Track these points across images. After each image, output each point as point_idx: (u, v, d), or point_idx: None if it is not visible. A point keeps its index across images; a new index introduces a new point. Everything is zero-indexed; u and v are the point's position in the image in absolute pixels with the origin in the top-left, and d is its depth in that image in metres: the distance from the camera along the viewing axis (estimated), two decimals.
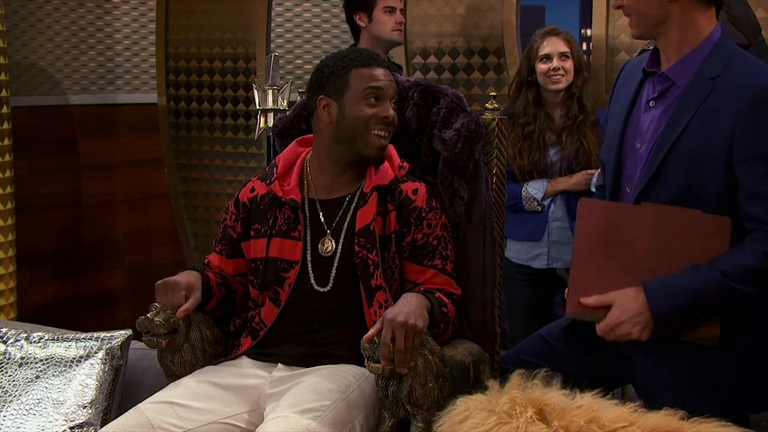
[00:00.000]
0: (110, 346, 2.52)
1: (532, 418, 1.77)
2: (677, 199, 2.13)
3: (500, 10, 3.94)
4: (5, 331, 2.61)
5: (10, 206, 4.03)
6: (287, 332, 2.30)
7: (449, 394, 2.10)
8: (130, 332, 2.56)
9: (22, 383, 2.50)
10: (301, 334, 2.29)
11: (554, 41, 3.38)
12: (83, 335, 2.58)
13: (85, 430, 2.41)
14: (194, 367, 2.32)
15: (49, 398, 2.46)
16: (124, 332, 2.57)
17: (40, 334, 2.60)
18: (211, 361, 2.36)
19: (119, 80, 5.09)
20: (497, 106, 2.49)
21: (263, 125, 3.78)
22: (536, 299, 3.48)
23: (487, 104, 2.49)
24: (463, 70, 4.06)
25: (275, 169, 2.40)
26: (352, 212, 2.32)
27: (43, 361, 2.53)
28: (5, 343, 2.57)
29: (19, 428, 2.42)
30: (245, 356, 2.34)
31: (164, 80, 4.71)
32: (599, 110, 3.37)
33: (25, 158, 4.52)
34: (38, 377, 2.50)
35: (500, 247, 2.47)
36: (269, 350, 2.31)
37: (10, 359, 2.54)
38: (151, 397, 2.22)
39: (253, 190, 2.42)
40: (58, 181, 4.87)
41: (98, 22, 4.99)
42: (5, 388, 2.50)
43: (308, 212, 2.35)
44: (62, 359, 2.52)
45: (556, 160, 3.39)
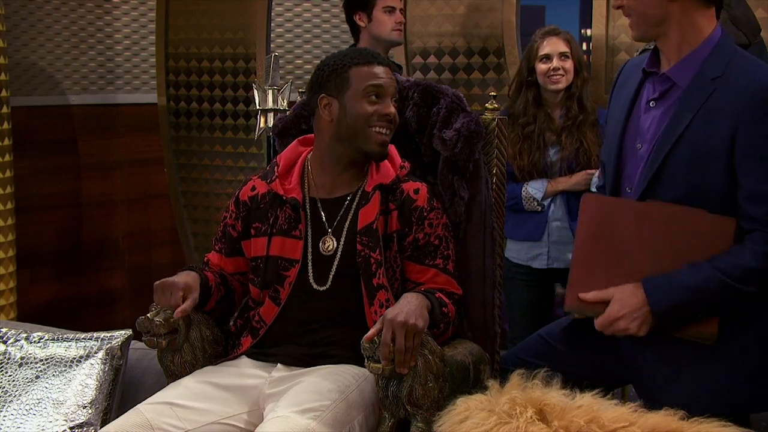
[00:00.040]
0: (110, 346, 2.52)
1: (532, 418, 1.77)
2: (678, 199, 2.13)
3: (500, 10, 3.94)
4: (5, 331, 2.61)
5: (10, 206, 4.03)
6: (287, 331, 2.30)
7: (449, 394, 2.10)
8: (130, 332, 2.56)
9: (22, 383, 2.50)
10: (301, 333, 2.29)
11: (554, 41, 3.38)
12: (83, 335, 2.58)
13: (85, 430, 2.41)
14: (194, 367, 2.33)
15: (49, 398, 2.46)
16: (124, 332, 2.57)
17: (40, 334, 2.60)
18: (211, 361, 2.36)
19: (119, 80, 5.09)
20: (497, 106, 2.49)
21: (263, 125, 3.78)
22: (536, 299, 3.48)
23: (487, 104, 2.49)
24: (463, 70, 4.06)
25: (276, 168, 2.40)
26: (353, 211, 2.32)
27: (43, 361, 2.53)
28: (5, 343, 2.57)
29: (19, 428, 2.42)
30: (245, 356, 2.34)
31: (164, 80, 4.71)
32: (599, 110, 3.37)
33: (25, 158, 4.52)
34: (38, 377, 2.50)
35: (500, 247, 2.47)
36: (269, 350, 2.31)
37: (10, 359, 2.54)
38: (150, 397, 2.22)
39: (253, 188, 2.42)
40: (58, 181, 4.87)
41: (98, 22, 4.99)
42: (5, 388, 2.50)
43: (309, 211, 2.35)
44: (62, 359, 2.52)
45: (556, 160, 3.39)
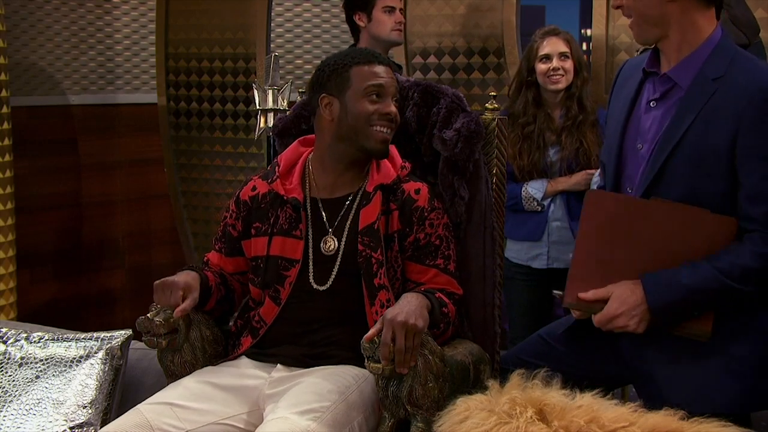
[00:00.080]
0: (110, 346, 2.52)
1: (532, 418, 1.77)
2: (679, 199, 2.12)
3: (500, 10, 3.94)
4: (5, 331, 2.61)
5: (10, 206, 4.03)
6: (287, 331, 2.30)
7: (449, 394, 2.10)
8: (130, 332, 2.56)
9: (22, 383, 2.50)
10: (301, 333, 2.29)
11: (554, 41, 3.38)
12: (83, 335, 2.58)
13: (85, 430, 2.41)
14: (194, 367, 2.32)
15: (49, 398, 2.46)
16: (124, 332, 2.57)
17: (40, 334, 2.60)
18: (211, 361, 2.36)
19: (119, 80, 5.09)
20: (497, 106, 2.49)
21: (263, 125, 3.78)
22: (536, 299, 3.48)
23: (487, 104, 2.49)
24: (463, 70, 4.05)
25: (277, 168, 2.40)
26: (354, 211, 2.32)
27: (43, 361, 2.53)
28: (5, 343, 2.57)
29: (19, 428, 2.42)
30: (245, 356, 2.34)
31: (164, 80, 4.71)
32: (599, 110, 3.37)
33: (25, 158, 4.52)
34: (38, 377, 2.50)
35: (500, 247, 2.47)
36: (269, 350, 2.31)
37: (10, 359, 2.54)
38: (150, 397, 2.22)
39: (254, 188, 2.42)
40: (58, 181, 4.87)
41: (98, 22, 4.99)
42: (5, 388, 2.49)
43: (310, 211, 2.35)
44: (62, 359, 2.52)
45: (555, 160, 3.39)
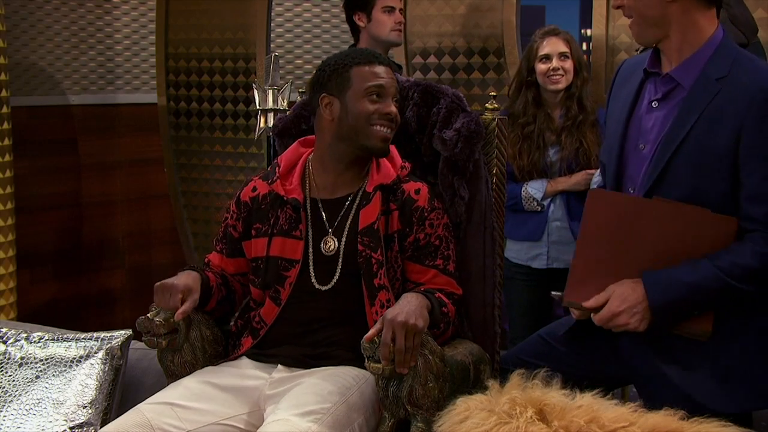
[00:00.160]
0: (110, 346, 2.52)
1: (532, 418, 1.77)
2: (682, 199, 2.12)
3: (500, 10, 3.94)
4: (5, 331, 2.61)
5: (10, 206, 4.03)
6: (287, 332, 2.30)
7: (449, 394, 2.10)
8: (130, 332, 2.56)
9: (22, 383, 2.50)
10: (301, 333, 2.29)
11: (554, 41, 3.38)
12: (83, 335, 2.58)
13: (85, 430, 2.41)
14: (194, 367, 2.32)
15: (49, 398, 2.46)
16: (124, 332, 2.57)
17: (40, 334, 2.60)
18: (211, 361, 2.36)
19: (119, 80, 5.09)
20: (497, 106, 2.49)
21: (263, 125, 3.77)
22: (536, 299, 3.47)
23: (487, 104, 2.49)
24: (463, 70, 4.05)
25: (277, 168, 2.40)
26: (354, 211, 2.32)
27: (43, 361, 2.52)
28: (5, 343, 2.57)
29: (19, 428, 2.42)
30: (245, 357, 2.34)
31: (164, 80, 4.70)
32: (599, 110, 3.37)
33: (25, 158, 4.52)
34: (38, 377, 2.50)
35: (500, 247, 2.47)
36: (269, 351, 2.31)
37: (10, 359, 2.54)
38: (150, 397, 2.22)
39: (254, 189, 2.42)
40: (58, 181, 4.87)
41: (98, 22, 4.99)
42: (5, 388, 2.49)
43: (310, 211, 2.35)
44: (62, 359, 2.52)
45: (555, 160, 3.39)
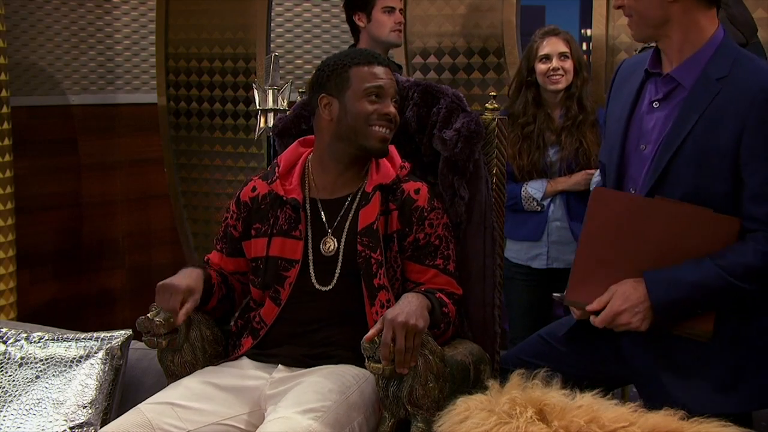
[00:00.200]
0: (110, 346, 2.52)
1: (532, 418, 1.77)
2: (684, 199, 2.12)
3: (500, 10, 3.94)
4: (5, 331, 2.61)
5: (10, 206, 4.03)
6: (287, 332, 2.30)
7: (449, 394, 2.10)
8: (130, 332, 2.56)
9: (22, 383, 2.50)
10: (301, 334, 2.29)
11: (554, 41, 3.38)
12: (83, 335, 2.58)
13: (85, 430, 2.41)
14: (194, 367, 2.32)
15: (49, 398, 2.46)
16: (124, 332, 2.57)
17: (40, 334, 2.60)
18: (211, 361, 2.36)
19: (119, 80, 5.09)
20: (497, 106, 2.49)
21: (263, 125, 3.78)
22: (536, 299, 3.48)
23: (487, 104, 2.49)
24: (463, 70, 4.06)
25: (277, 168, 2.40)
26: (353, 212, 2.32)
27: (43, 361, 2.52)
28: (5, 343, 2.57)
29: (19, 428, 2.42)
30: (246, 357, 2.34)
31: (164, 80, 4.71)
32: (599, 110, 3.37)
33: (25, 158, 4.51)
34: (38, 377, 2.50)
35: (500, 247, 2.47)
36: (270, 351, 2.31)
37: (10, 359, 2.54)
38: (151, 397, 2.22)
39: (254, 189, 2.42)
40: (58, 181, 4.87)
41: (98, 22, 4.99)
42: (5, 388, 2.49)
43: (309, 211, 2.35)
44: (62, 359, 2.52)
45: (555, 160, 3.39)
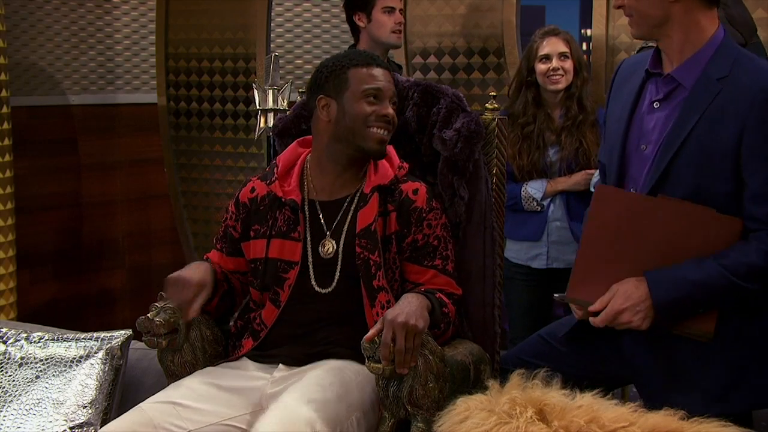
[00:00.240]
0: (110, 346, 2.52)
1: (532, 418, 1.77)
2: (685, 199, 2.11)
3: (500, 10, 3.94)
4: (5, 331, 2.61)
5: (10, 206, 4.03)
6: (288, 333, 2.30)
7: (449, 394, 2.10)
8: (130, 332, 2.56)
9: (22, 383, 2.50)
10: (301, 335, 2.29)
11: (554, 41, 3.38)
12: (83, 335, 2.58)
13: (85, 430, 2.41)
14: (194, 367, 2.32)
15: (49, 398, 2.46)
16: (124, 332, 2.57)
17: (40, 334, 2.60)
18: (211, 361, 2.36)
19: (119, 80, 5.09)
20: (497, 106, 2.49)
21: (263, 125, 3.78)
22: (536, 299, 3.48)
23: (487, 104, 2.49)
24: (463, 70, 4.06)
25: (275, 169, 2.40)
26: (352, 213, 2.32)
27: (43, 361, 2.53)
28: (5, 343, 2.57)
29: (19, 428, 2.42)
30: (246, 358, 2.34)
31: (164, 80, 4.71)
32: (599, 110, 3.37)
33: (25, 158, 4.51)
34: (38, 377, 2.50)
35: (500, 247, 2.47)
36: (270, 352, 2.31)
37: (10, 359, 2.54)
38: (152, 396, 2.21)
39: (253, 190, 2.42)
40: (58, 181, 4.87)
41: (98, 22, 4.99)
42: (5, 388, 2.50)
43: (308, 213, 2.35)
44: (62, 359, 2.52)
45: (555, 160, 3.39)
